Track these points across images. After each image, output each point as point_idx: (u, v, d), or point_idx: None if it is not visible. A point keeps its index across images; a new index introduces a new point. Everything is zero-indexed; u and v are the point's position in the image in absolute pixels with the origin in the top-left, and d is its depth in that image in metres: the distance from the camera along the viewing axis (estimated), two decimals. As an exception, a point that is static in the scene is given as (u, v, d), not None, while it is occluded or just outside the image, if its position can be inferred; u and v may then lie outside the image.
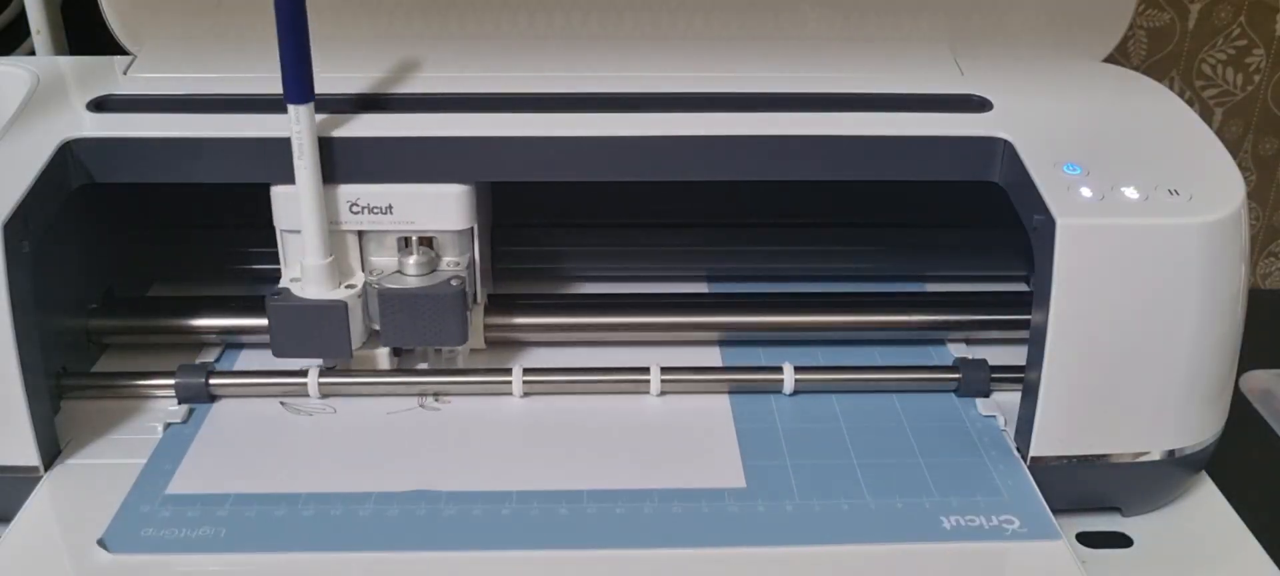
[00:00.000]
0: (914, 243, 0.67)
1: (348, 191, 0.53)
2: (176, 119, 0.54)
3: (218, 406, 0.55)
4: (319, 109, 0.51)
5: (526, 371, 0.56)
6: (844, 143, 0.54)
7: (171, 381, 0.55)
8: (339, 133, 0.52)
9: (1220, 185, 0.50)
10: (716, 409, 0.55)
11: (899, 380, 0.57)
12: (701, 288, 0.67)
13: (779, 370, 0.57)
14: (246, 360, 0.59)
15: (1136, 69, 0.66)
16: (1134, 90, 0.60)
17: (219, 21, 0.62)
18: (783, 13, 0.63)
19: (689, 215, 0.67)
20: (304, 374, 0.56)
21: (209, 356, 0.59)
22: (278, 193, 0.53)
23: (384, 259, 0.55)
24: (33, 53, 0.71)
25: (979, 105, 0.56)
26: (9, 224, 0.48)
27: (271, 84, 0.57)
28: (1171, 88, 0.67)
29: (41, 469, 0.50)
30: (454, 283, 0.54)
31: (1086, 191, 0.49)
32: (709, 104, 0.56)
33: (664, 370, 0.56)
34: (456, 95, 0.56)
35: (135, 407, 0.55)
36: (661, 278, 0.67)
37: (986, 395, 0.57)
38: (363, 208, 0.53)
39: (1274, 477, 0.60)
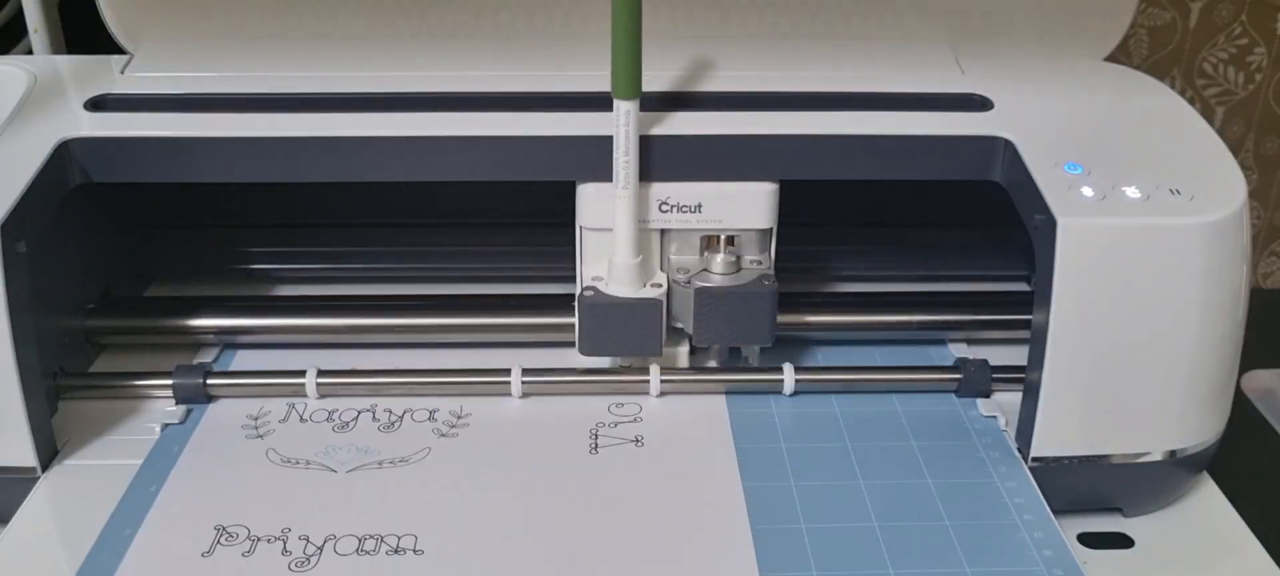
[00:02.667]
0: (914, 243, 0.67)
1: (658, 190, 0.53)
2: (174, 118, 0.54)
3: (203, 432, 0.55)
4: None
5: (526, 371, 0.56)
6: (845, 142, 0.54)
7: (169, 382, 0.55)
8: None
9: (1222, 184, 0.50)
10: (715, 410, 0.55)
11: (899, 380, 0.57)
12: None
13: (779, 370, 0.56)
14: (244, 360, 0.59)
15: (1138, 68, 0.66)
16: (1135, 89, 0.60)
17: (216, 21, 0.62)
18: (783, 12, 0.63)
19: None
20: (302, 375, 0.55)
21: (207, 356, 0.59)
22: (585, 190, 0.53)
23: (684, 257, 0.55)
24: (30, 52, 0.71)
25: (980, 104, 0.56)
26: (6, 224, 0.47)
27: (270, 83, 0.57)
28: (1173, 87, 0.67)
29: (39, 469, 0.50)
30: (766, 281, 0.54)
31: (1088, 191, 0.49)
32: (708, 103, 0.56)
33: (663, 370, 0.56)
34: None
35: (133, 408, 0.55)
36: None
37: (987, 395, 0.56)
38: (672, 206, 0.53)
39: (1275, 478, 0.60)
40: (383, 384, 0.56)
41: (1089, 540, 0.51)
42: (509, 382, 0.56)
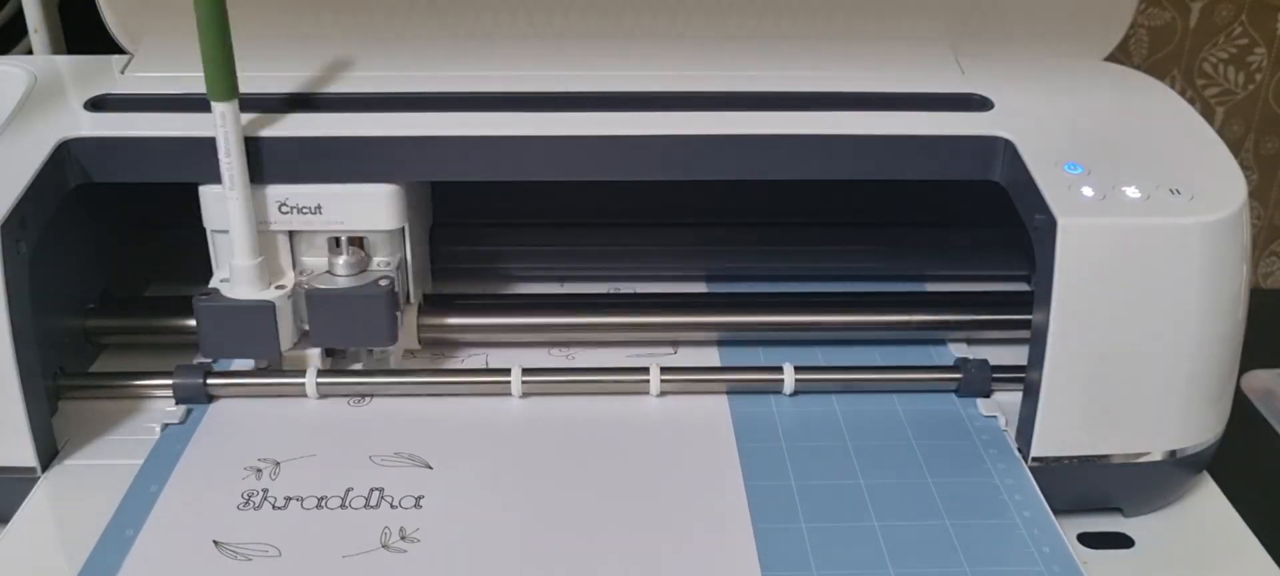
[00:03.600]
0: (914, 242, 0.67)
1: (277, 191, 0.53)
2: (174, 118, 0.54)
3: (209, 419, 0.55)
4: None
5: (526, 371, 0.56)
6: (845, 142, 0.54)
7: (169, 381, 0.55)
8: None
9: (1222, 184, 0.50)
10: (716, 410, 0.55)
11: (899, 380, 0.57)
12: (700, 287, 0.66)
13: (779, 370, 0.56)
14: (244, 360, 0.59)
15: (1138, 68, 0.66)
16: (1135, 89, 0.60)
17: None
18: (783, 11, 0.63)
19: (688, 214, 0.67)
20: (302, 374, 0.55)
21: (203, 356, 0.59)
22: (205, 192, 0.53)
23: (315, 259, 0.55)
24: (30, 52, 0.71)
25: (980, 104, 0.56)
26: (6, 224, 0.47)
27: (269, 83, 0.57)
28: (1173, 87, 0.67)
29: (39, 469, 0.50)
30: (382, 282, 0.54)
31: (1088, 191, 0.49)
32: (708, 103, 0.56)
33: (663, 370, 0.56)
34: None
35: (133, 408, 0.55)
36: (660, 277, 0.66)
37: (987, 395, 0.56)
38: (292, 208, 0.53)
39: (1275, 478, 0.60)
40: (383, 384, 0.56)
41: (1089, 540, 0.51)
42: (509, 383, 0.56)
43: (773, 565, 0.45)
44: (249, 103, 0.52)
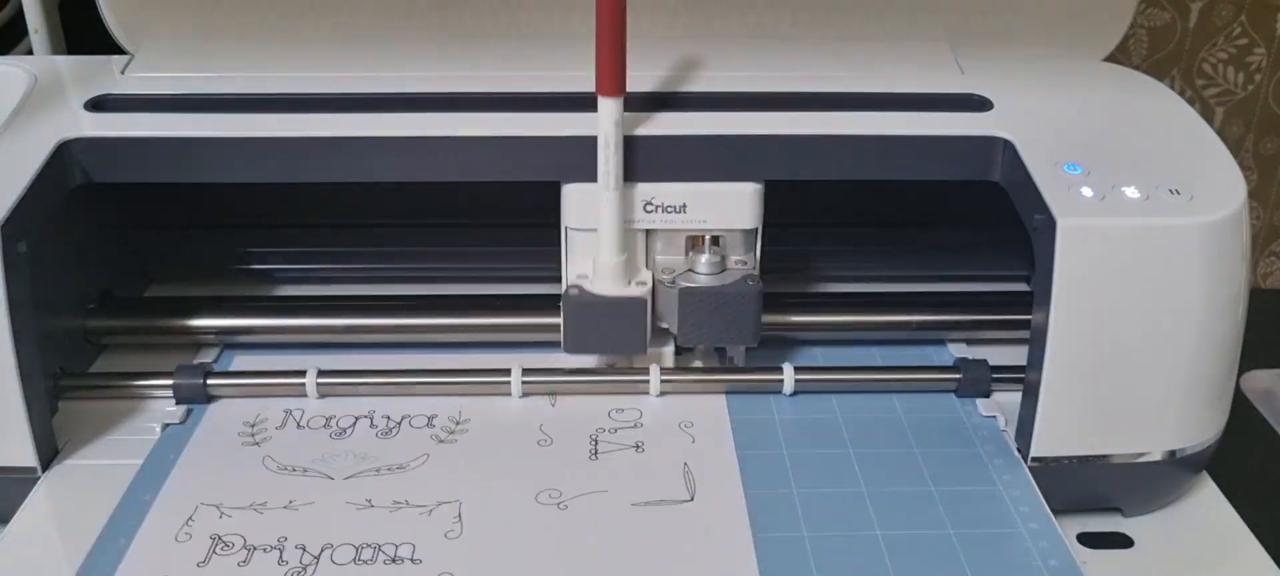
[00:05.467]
0: (914, 243, 0.67)
1: (644, 190, 0.53)
2: (174, 118, 0.54)
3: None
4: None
5: (526, 371, 0.56)
6: (844, 142, 0.54)
7: (169, 382, 0.55)
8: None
9: (1221, 185, 0.50)
10: (716, 409, 0.55)
11: (899, 380, 0.57)
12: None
13: (779, 370, 0.56)
14: (244, 360, 0.59)
15: (1137, 68, 0.66)
16: (1135, 89, 0.60)
17: (217, 21, 0.62)
18: (783, 12, 0.63)
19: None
20: (302, 375, 0.55)
21: (207, 356, 0.59)
22: (570, 190, 0.53)
23: (669, 257, 0.55)
24: (30, 52, 0.71)
25: (979, 105, 0.56)
26: (6, 224, 0.47)
27: (269, 83, 0.57)
28: (1172, 87, 0.67)
29: (39, 469, 0.50)
30: (751, 281, 0.54)
31: (1087, 191, 0.49)
32: (708, 103, 0.56)
33: (664, 370, 0.56)
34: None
35: (133, 408, 0.55)
36: None
37: (987, 395, 0.56)
38: (657, 206, 0.53)
39: (1275, 478, 0.60)
40: (382, 384, 0.56)
41: (1089, 540, 0.51)
42: (509, 383, 0.56)
43: (770, 565, 0.45)
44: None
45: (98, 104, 0.55)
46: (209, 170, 0.53)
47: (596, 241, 0.54)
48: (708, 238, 0.55)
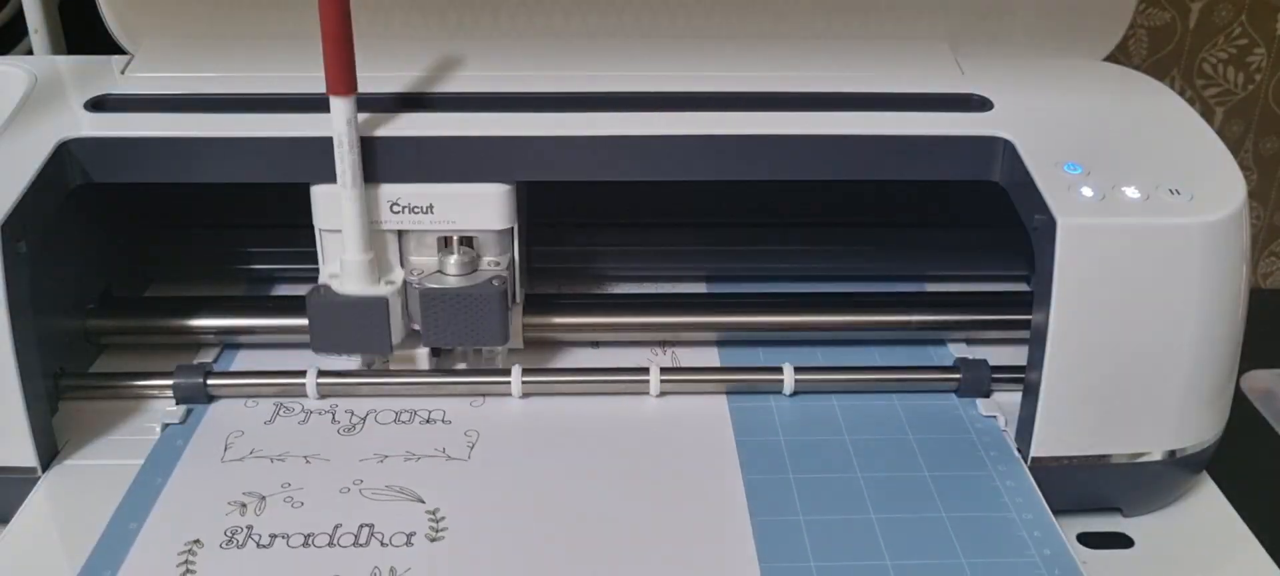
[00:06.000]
0: (914, 242, 0.67)
1: (388, 191, 0.53)
2: (174, 118, 0.54)
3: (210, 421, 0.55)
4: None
5: (526, 371, 0.56)
6: (844, 142, 0.54)
7: (169, 382, 0.55)
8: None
9: (1221, 185, 0.50)
10: (716, 410, 0.55)
11: (899, 380, 0.57)
12: (701, 288, 0.66)
13: (779, 370, 0.56)
14: (244, 360, 0.59)
15: (1137, 68, 0.66)
16: (1135, 89, 0.60)
17: (217, 21, 0.62)
18: (783, 12, 0.63)
19: (688, 215, 0.67)
20: (302, 374, 0.55)
21: (207, 356, 0.59)
22: (318, 191, 0.53)
23: (424, 258, 0.55)
24: (30, 52, 0.71)
25: (979, 104, 0.56)
26: (6, 224, 0.47)
27: (269, 83, 0.57)
28: (1172, 87, 0.67)
29: (39, 469, 0.50)
30: (495, 282, 0.54)
31: (1087, 191, 0.49)
32: (709, 103, 0.56)
33: (663, 371, 0.56)
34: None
35: (133, 408, 0.55)
36: (660, 277, 0.66)
37: (987, 395, 0.56)
38: (403, 207, 0.53)
39: (1275, 478, 0.60)
40: (383, 384, 0.56)
41: (1089, 540, 0.51)
42: (509, 383, 0.56)
43: (771, 560, 0.45)
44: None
45: (98, 104, 0.55)
46: (209, 170, 0.53)
47: (341, 241, 0.53)
48: (457, 238, 0.54)
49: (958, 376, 0.56)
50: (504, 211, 0.54)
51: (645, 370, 0.56)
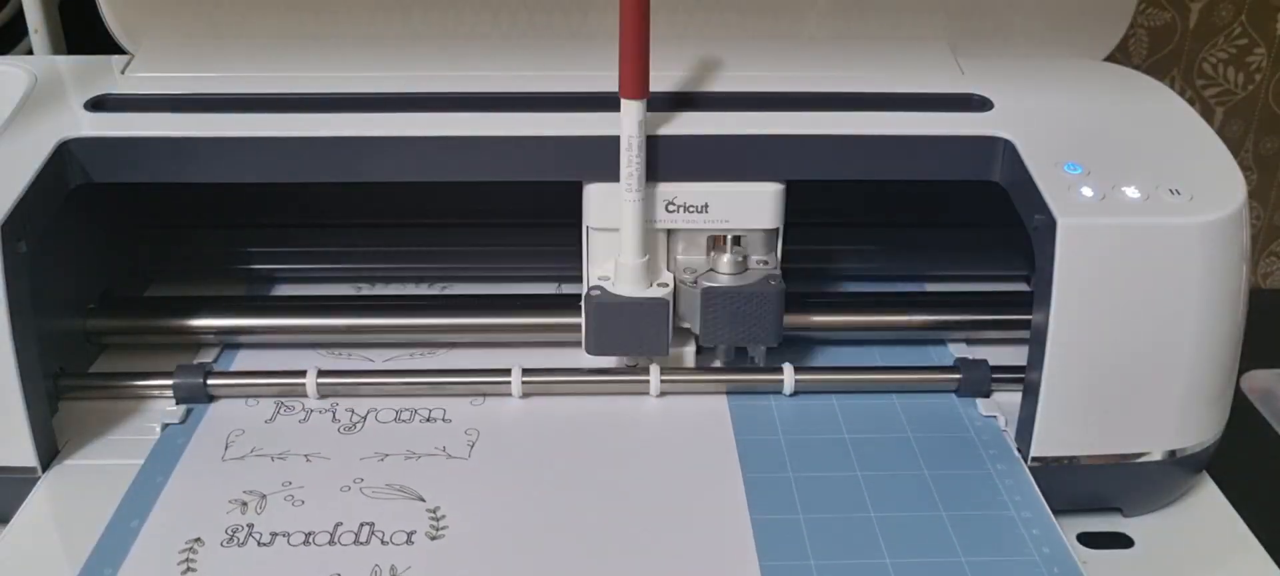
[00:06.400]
0: (914, 243, 0.67)
1: (665, 190, 0.53)
2: (174, 118, 0.54)
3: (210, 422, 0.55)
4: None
5: (526, 371, 0.56)
6: (845, 142, 0.54)
7: (169, 382, 0.55)
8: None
9: (1221, 184, 0.50)
10: (716, 410, 0.55)
11: (899, 380, 0.57)
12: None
13: (779, 370, 0.56)
14: (244, 360, 0.59)
15: (1137, 68, 0.66)
16: (1135, 89, 0.60)
17: (217, 21, 0.62)
18: (783, 12, 0.63)
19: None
20: (302, 374, 0.55)
21: (207, 356, 0.59)
22: (592, 190, 0.53)
23: (691, 257, 0.55)
24: (30, 52, 0.71)
25: (980, 104, 0.56)
26: (6, 224, 0.47)
27: (270, 83, 0.57)
28: (1172, 87, 0.67)
29: (39, 469, 0.50)
30: (773, 281, 0.54)
31: (1087, 191, 0.49)
32: (708, 103, 0.56)
33: (663, 370, 0.56)
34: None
35: (133, 408, 0.55)
36: None
37: (987, 395, 0.56)
38: (679, 206, 0.53)
39: (1275, 478, 0.60)
40: (383, 384, 0.56)
41: (1089, 540, 0.51)
42: (509, 383, 0.56)
43: (771, 559, 0.45)
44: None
45: (98, 104, 0.55)
46: (209, 170, 0.53)
47: (618, 242, 0.53)
48: (729, 238, 0.55)
49: (958, 376, 0.56)
50: (774, 210, 0.54)
51: (645, 370, 0.56)
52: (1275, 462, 0.62)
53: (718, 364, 0.58)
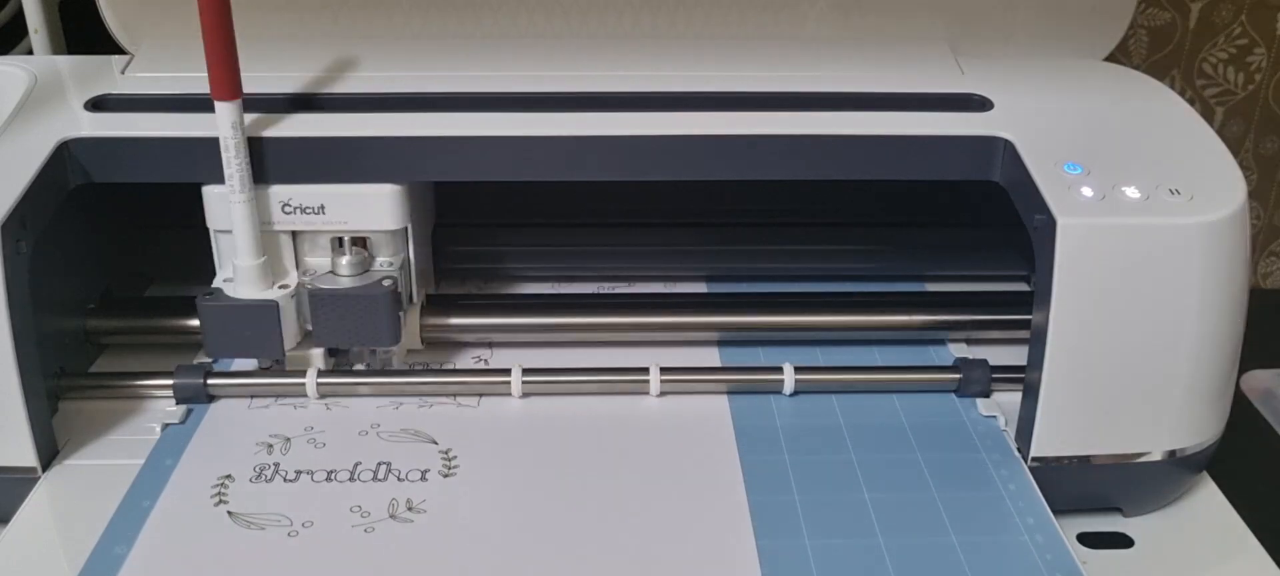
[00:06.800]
0: (914, 243, 0.67)
1: (280, 191, 0.53)
2: (174, 118, 0.54)
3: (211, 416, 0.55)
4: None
5: (526, 371, 0.56)
6: (845, 142, 0.54)
7: (169, 381, 0.55)
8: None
9: (1221, 185, 0.50)
10: (716, 410, 0.55)
11: (899, 380, 0.57)
12: (701, 288, 0.66)
13: (779, 370, 0.56)
14: (244, 360, 0.59)
15: (1137, 68, 0.66)
16: (1135, 89, 0.60)
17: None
18: (783, 12, 0.63)
19: (688, 215, 0.67)
20: (302, 374, 0.55)
21: (207, 356, 0.59)
22: (209, 192, 0.53)
23: (318, 259, 0.55)
24: (30, 52, 0.71)
25: (980, 104, 0.56)
26: (7, 224, 0.47)
27: (269, 84, 0.57)
28: (1172, 87, 0.67)
29: (39, 469, 0.50)
30: (385, 283, 0.54)
31: (1087, 191, 0.49)
32: (709, 103, 0.56)
33: (663, 370, 0.56)
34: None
35: (133, 408, 0.55)
36: (661, 277, 0.66)
37: (987, 395, 0.56)
38: (295, 208, 0.53)
39: (1274, 478, 0.60)
40: (383, 384, 0.56)
41: (1089, 540, 0.51)
42: (509, 383, 0.56)
43: (772, 559, 0.46)
44: (252, 103, 0.52)
45: (98, 104, 0.55)
46: (209, 170, 0.53)
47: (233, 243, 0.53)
48: (347, 239, 0.54)
49: (958, 376, 0.56)
50: (396, 212, 0.54)
51: (645, 370, 0.56)
52: (1275, 462, 0.62)
53: (360, 366, 0.57)
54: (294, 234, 0.54)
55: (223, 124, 0.50)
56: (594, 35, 0.63)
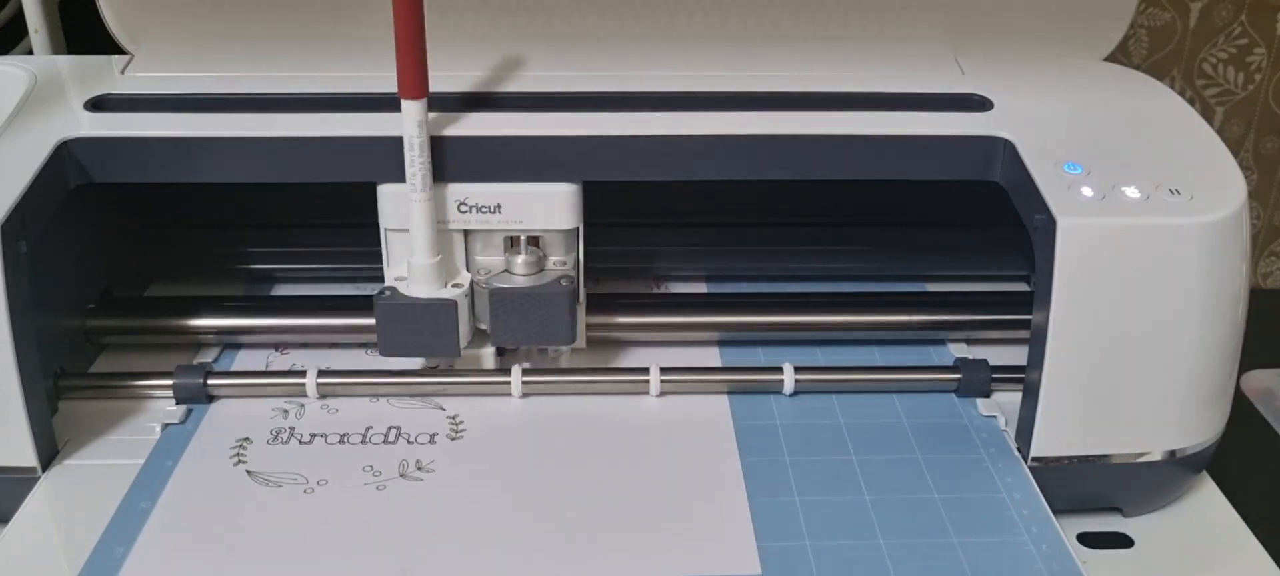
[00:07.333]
0: (914, 243, 0.67)
1: (456, 190, 0.53)
2: (174, 118, 0.54)
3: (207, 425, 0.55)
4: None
5: (526, 371, 0.56)
6: (845, 142, 0.54)
7: (169, 381, 0.55)
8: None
9: (1221, 185, 0.50)
10: (716, 410, 0.55)
11: (899, 380, 0.57)
12: (701, 287, 0.66)
13: (779, 370, 0.56)
14: (244, 360, 0.59)
15: (1138, 68, 0.66)
16: (1135, 89, 0.60)
17: (217, 21, 0.62)
18: (784, 12, 0.63)
19: (688, 214, 0.67)
20: (302, 375, 0.55)
21: (207, 356, 0.59)
22: (385, 191, 0.53)
23: (490, 258, 0.55)
24: (30, 52, 0.71)
25: (980, 104, 0.56)
26: (6, 224, 0.47)
27: (270, 83, 0.57)
28: (1172, 87, 0.67)
29: (39, 469, 0.50)
30: (564, 282, 0.54)
31: (1087, 191, 0.49)
32: (709, 103, 0.56)
33: (663, 370, 0.56)
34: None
35: (133, 408, 0.55)
36: (661, 277, 0.66)
37: (987, 395, 0.56)
38: (471, 207, 0.53)
39: (1275, 478, 0.60)
40: (383, 384, 0.56)
41: (1089, 540, 0.51)
42: (509, 383, 0.56)
43: (772, 561, 0.45)
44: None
45: (98, 104, 0.55)
46: (209, 170, 0.53)
47: (409, 243, 0.53)
48: (525, 238, 0.54)
49: (958, 376, 0.56)
50: (571, 211, 0.54)
51: (645, 370, 0.56)
52: (1275, 462, 0.62)
53: (527, 364, 0.57)
54: (466, 233, 0.54)
55: (408, 123, 0.50)
56: (592, 35, 0.63)
